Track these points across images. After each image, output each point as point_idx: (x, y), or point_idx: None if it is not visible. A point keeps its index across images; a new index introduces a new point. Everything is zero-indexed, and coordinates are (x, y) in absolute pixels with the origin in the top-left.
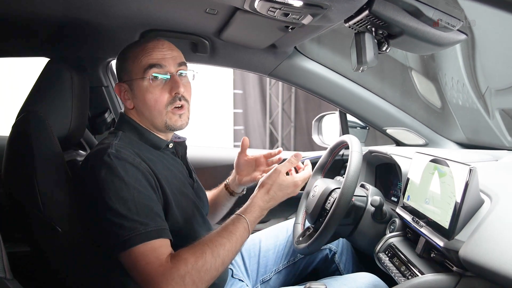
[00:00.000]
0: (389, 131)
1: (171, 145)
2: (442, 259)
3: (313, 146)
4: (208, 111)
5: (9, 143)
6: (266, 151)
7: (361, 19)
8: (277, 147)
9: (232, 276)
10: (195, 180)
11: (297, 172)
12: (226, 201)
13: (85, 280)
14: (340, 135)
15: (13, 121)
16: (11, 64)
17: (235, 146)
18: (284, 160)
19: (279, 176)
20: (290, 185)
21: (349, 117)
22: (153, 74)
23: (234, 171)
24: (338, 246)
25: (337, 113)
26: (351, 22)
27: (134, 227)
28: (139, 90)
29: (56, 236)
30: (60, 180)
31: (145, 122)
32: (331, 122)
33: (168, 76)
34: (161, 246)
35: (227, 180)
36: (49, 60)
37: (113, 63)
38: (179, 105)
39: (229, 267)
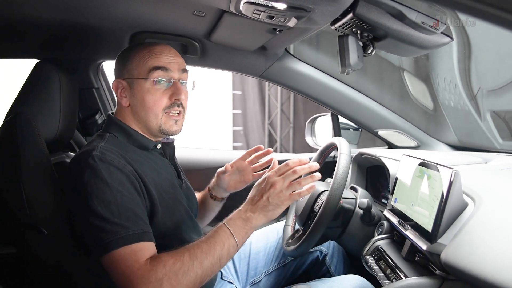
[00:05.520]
0: (381, 133)
1: (159, 146)
2: (426, 263)
3: (311, 147)
4: (207, 111)
5: None
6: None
7: (346, 22)
8: (275, 148)
9: (221, 278)
10: (184, 181)
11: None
12: (214, 206)
13: (73, 281)
14: (332, 137)
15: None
16: (5, 65)
17: (234, 147)
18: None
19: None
20: (260, 181)
21: (342, 119)
22: (157, 78)
23: (214, 179)
24: (329, 248)
25: (330, 114)
26: (337, 25)
27: (116, 231)
28: (139, 90)
29: (42, 238)
30: (46, 183)
31: (136, 123)
32: (324, 123)
33: (171, 82)
34: (142, 250)
35: (210, 191)
36: (37, 62)
37: (104, 64)
38: (177, 112)
39: None
